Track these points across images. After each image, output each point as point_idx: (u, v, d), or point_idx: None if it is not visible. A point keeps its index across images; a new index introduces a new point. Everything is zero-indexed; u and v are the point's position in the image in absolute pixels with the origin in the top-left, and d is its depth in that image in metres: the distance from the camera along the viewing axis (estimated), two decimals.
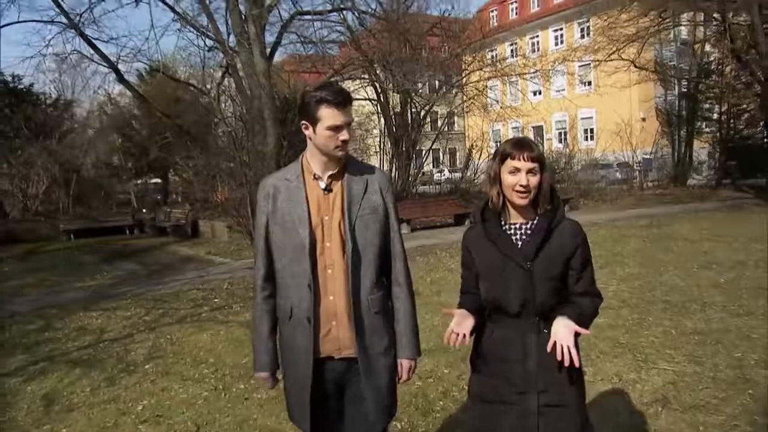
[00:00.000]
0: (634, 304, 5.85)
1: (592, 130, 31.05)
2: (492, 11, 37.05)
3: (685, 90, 21.45)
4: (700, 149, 21.97)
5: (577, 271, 1.82)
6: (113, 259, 11.96)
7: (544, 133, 33.17)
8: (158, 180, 26.06)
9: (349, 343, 1.92)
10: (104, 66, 13.40)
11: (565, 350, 1.67)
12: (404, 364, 2.04)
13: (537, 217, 1.84)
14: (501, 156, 1.82)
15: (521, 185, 1.76)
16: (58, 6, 12.28)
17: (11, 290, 8.91)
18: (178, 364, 4.93)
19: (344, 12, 16.47)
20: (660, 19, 13.35)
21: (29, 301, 8.00)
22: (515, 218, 1.87)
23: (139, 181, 24.32)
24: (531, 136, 32.64)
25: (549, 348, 1.69)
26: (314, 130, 1.89)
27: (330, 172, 1.95)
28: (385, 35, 17.65)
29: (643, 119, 26.80)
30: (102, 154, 23.32)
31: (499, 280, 1.82)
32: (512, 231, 1.86)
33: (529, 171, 1.76)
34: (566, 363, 1.67)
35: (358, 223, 1.93)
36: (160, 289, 8.44)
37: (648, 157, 24.30)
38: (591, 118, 30.95)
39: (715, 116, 20.98)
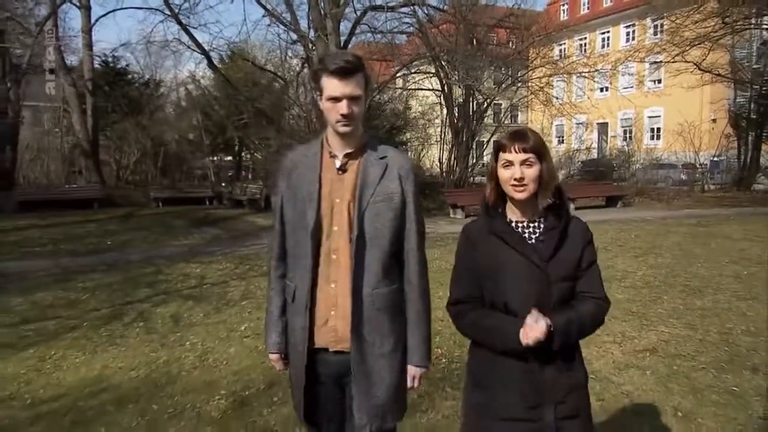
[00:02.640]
0: (655, 285, 6.66)
1: (658, 129, 30.66)
2: (563, 5, 36.90)
3: (756, 92, 21.09)
4: (766, 154, 21.56)
5: (583, 270, 1.74)
6: (199, 224, 13.59)
7: (609, 131, 32.96)
8: (231, 157, 28.07)
9: (345, 336, 1.81)
10: (197, 52, 15.00)
11: (530, 333, 1.60)
12: (411, 371, 1.91)
13: (545, 215, 1.75)
14: (494, 149, 1.76)
15: (515, 179, 1.67)
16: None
17: (121, 244, 10.57)
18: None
19: (414, 5, 17.47)
20: (723, 24, 13.54)
21: (138, 253, 9.58)
22: (518, 216, 1.77)
23: (215, 158, 26.30)
24: (595, 133, 32.61)
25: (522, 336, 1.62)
26: (321, 103, 1.81)
27: (347, 151, 1.83)
28: (452, 29, 18.52)
29: (714, 120, 26.35)
30: (184, 131, 25.39)
31: (511, 281, 1.70)
32: (519, 229, 1.76)
33: (523, 162, 1.68)
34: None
35: (369, 209, 1.79)
36: (243, 250, 9.84)
37: (715, 159, 24.05)
38: (658, 116, 30.54)
39: None
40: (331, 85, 1.73)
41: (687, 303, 5.88)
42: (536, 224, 1.75)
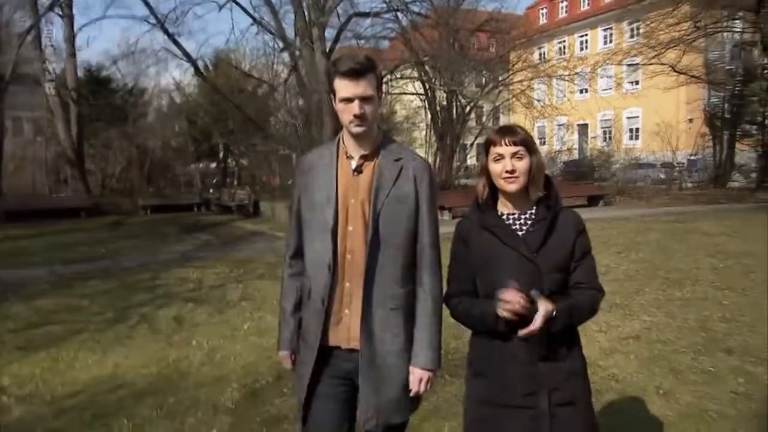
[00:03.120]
0: (637, 279, 7.00)
1: (637, 130, 31.38)
2: (542, 8, 37.61)
3: (729, 92, 21.79)
4: (742, 152, 22.26)
5: (576, 260, 1.76)
6: (189, 231, 13.71)
7: (589, 132, 33.63)
8: (215, 164, 28.13)
9: (357, 335, 1.83)
10: (185, 60, 15.15)
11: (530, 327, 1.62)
12: (416, 374, 1.86)
13: (535, 207, 1.79)
14: (485, 145, 1.80)
15: (507, 171, 1.71)
16: (149, 8, 14.05)
17: (114, 251, 10.67)
18: (266, 303, 6.38)
19: (397, 11, 17.83)
20: (695, 27, 14.07)
21: (132, 259, 9.70)
22: (511, 209, 1.81)
23: (200, 164, 26.35)
24: (576, 134, 33.25)
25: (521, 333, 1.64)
26: (335, 105, 1.84)
27: (362, 152, 1.86)
28: (435, 35, 18.88)
29: (690, 120, 27.06)
30: (168, 138, 25.40)
31: (502, 272, 1.72)
32: (510, 221, 1.80)
33: (514, 155, 1.72)
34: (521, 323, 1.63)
35: (384, 210, 1.81)
36: (236, 255, 10.01)
37: (693, 158, 24.75)
38: (637, 117, 31.27)
39: (758, 120, 21.26)
40: (343, 87, 1.77)
41: (667, 294, 6.21)
42: (527, 216, 1.79)
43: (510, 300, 1.61)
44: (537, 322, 1.62)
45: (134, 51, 15.60)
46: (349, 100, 1.77)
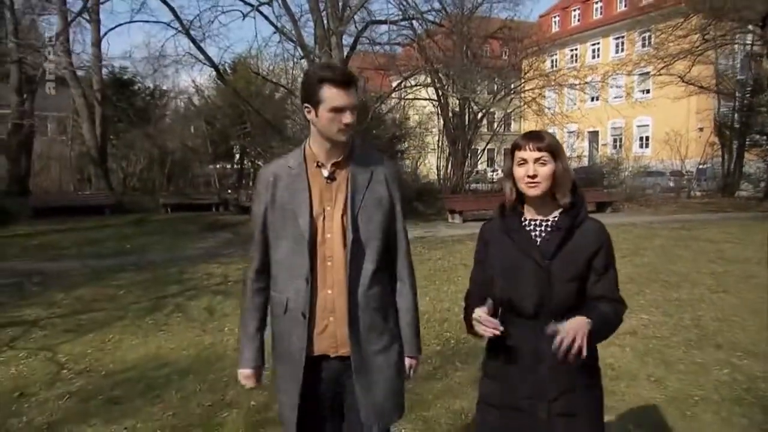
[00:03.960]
0: (639, 281, 7.36)
1: (647, 138, 31.60)
2: (555, 17, 37.94)
3: (739, 103, 22.02)
4: (751, 161, 22.46)
5: (598, 273, 1.73)
6: (210, 229, 14.21)
7: (600, 139, 33.88)
8: (230, 165, 28.72)
9: (345, 341, 1.83)
10: (208, 65, 15.68)
11: (569, 342, 1.53)
12: (406, 362, 1.99)
13: (558, 214, 1.78)
14: (511, 149, 1.81)
15: (528, 175, 1.72)
16: (175, 15, 14.59)
17: (140, 247, 11.18)
18: None
19: (412, 19, 18.24)
20: (704, 40, 14.39)
21: (159, 255, 10.20)
22: (534, 214, 1.81)
23: (218, 165, 26.94)
24: (586, 141, 33.51)
25: (555, 344, 1.55)
26: (316, 113, 1.80)
27: (334, 160, 1.86)
28: (449, 43, 19.31)
29: (701, 129, 27.26)
30: (188, 140, 26.03)
31: (515, 278, 1.74)
32: (531, 227, 1.79)
33: (537, 160, 1.72)
34: (568, 353, 1.54)
35: (361, 214, 1.84)
36: None
37: (702, 167, 24.96)
38: (647, 126, 31.50)
39: (767, 130, 21.46)
40: (336, 96, 1.76)
41: (665, 295, 6.58)
42: (549, 222, 1.78)
43: (483, 322, 1.63)
44: (582, 347, 1.54)
45: (159, 55, 15.94)
46: (341, 109, 1.77)
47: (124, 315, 6.05)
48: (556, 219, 1.78)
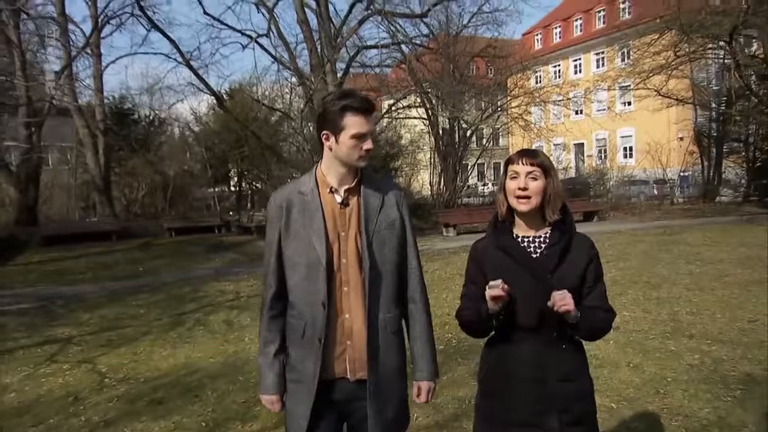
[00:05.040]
0: (622, 283, 7.86)
1: (631, 148, 32.36)
2: (537, 35, 38.95)
3: (715, 112, 22.81)
4: (729, 168, 23.18)
5: (590, 285, 1.79)
6: (215, 250, 14.63)
7: (585, 151, 34.65)
8: (228, 188, 29.20)
9: (364, 364, 1.84)
10: (208, 94, 16.23)
11: (560, 298, 1.66)
12: (423, 386, 1.96)
13: (549, 230, 1.82)
14: (504, 164, 1.84)
15: (519, 188, 1.75)
16: (176, 48, 15.18)
17: (152, 269, 11.59)
18: None
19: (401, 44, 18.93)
20: (676, 56, 15.11)
21: (170, 276, 10.62)
22: (525, 230, 1.84)
23: (217, 189, 27.39)
24: (572, 153, 34.27)
25: (550, 302, 1.67)
26: (336, 140, 1.81)
27: (347, 186, 1.87)
28: (437, 64, 19.99)
29: (681, 138, 28.03)
30: (187, 164, 26.51)
31: (515, 295, 1.74)
32: (525, 243, 1.83)
33: (529, 174, 1.75)
34: (562, 305, 1.65)
35: (376, 238, 1.85)
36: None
37: (684, 174, 25.68)
38: (630, 136, 32.27)
39: (742, 138, 22.21)
40: (358, 123, 1.78)
41: (646, 294, 7.08)
42: (541, 239, 1.82)
43: (494, 285, 1.72)
44: (566, 298, 1.67)
45: (163, 86, 16.47)
46: (363, 136, 1.79)
47: (149, 330, 6.48)
48: (547, 234, 1.82)
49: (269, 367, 1.93)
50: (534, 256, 1.80)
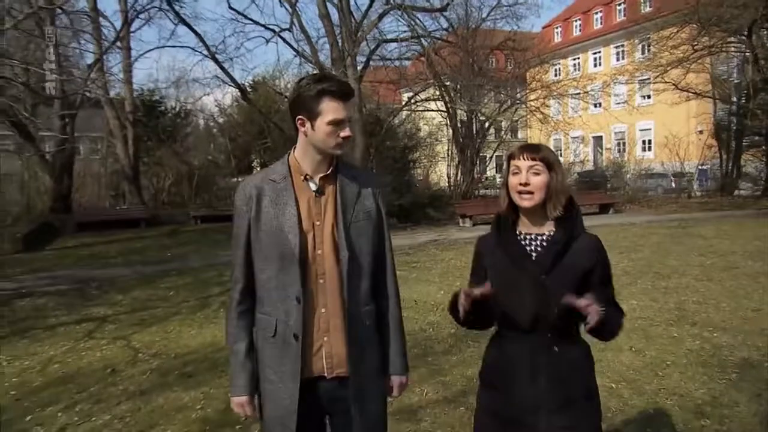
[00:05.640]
0: (633, 273, 7.95)
1: (650, 141, 31.98)
2: (557, 28, 38.53)
3: (735, 106, 22.46)
4: (748, 162, 22.83)
5: (596, 288, 1.69)
6: None
7: (604, 143, 34.32)
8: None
9: (342, 360, 1.74)
10: (232, 86, 16.55)
11: (586, 306, 1.56)
12: (395, 380, 1.90)
13: (553, 227, 1.75)
14: (506, 159, 1.79)
15: (521, 183, 1.69)
16: (203, 42, 15.48)
17: (179, 255, 11.98)
18: None
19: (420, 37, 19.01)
20: (693, 50, 14.95)
21: (197, 261, 10.96)
22: (529, 228, 1.78)
23: (240, 178, 27.87)
24: (591, 146, 33.97)
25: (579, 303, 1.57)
26: (312, 126, 1.69)
27: (322, 173, 1.75)
28: (455, 57, 20.03)
29: (700, 132, 27.64)
30: (211, 155, 27.02)
31: (511, 292, 1.71)
32: (527, 241, 1.76)
33: (530, 169, 1.69)
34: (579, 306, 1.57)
35: (353, 228, 1.74)
36: None
37: (703, 168, 25.36)
38: (649, 129, 31.88)
39: (763, 131, 21.83)
40: (335, 108, 1.67)
41: (655, 284, 7.18)
42: (544, 237, 1.75)
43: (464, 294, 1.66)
44: (594, 311, 1.56)
45: (189, 80, 16.83)
46: (340, 122, 1.68)
47: (178, 311, 6.80)
48: (551, 233, 1.75)
49: (240, 367, 1.78)
50: (533, 255, 1.73)
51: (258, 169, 29.36)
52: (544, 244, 1.74)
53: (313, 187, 1.76)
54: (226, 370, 4.56)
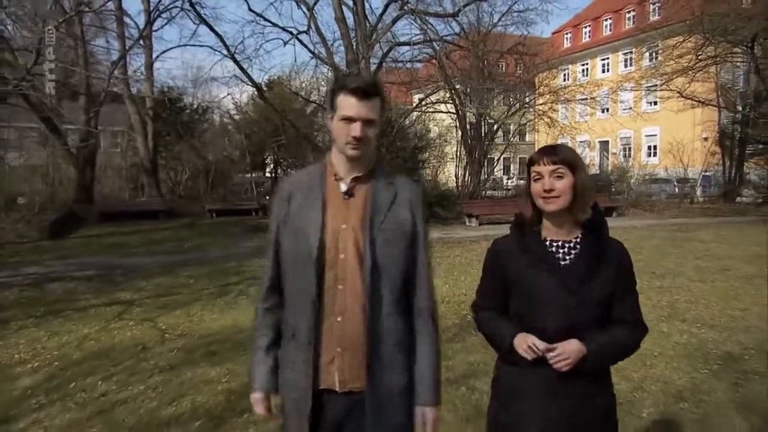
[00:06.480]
0: None
1: (655, 147, 32.03)
2: (566, 33, 38.60)
3: (740, 114, 22.53)
4: (751, 170, 22.89)
5: (620, 295, 1.64)
6: (253, 231, 15.32)
7: (610, 148, 34.40)
8: (264, 173, 30.09)
9: (355, 374, 1.60)
10: (250, 85, 16.89)
11: (558, 360, 1.54)
12: (426, 413, 1.66)
13: (580, 234, 1.65)
14: (527, 165, 1.68)
15: (544, 190, 1.59)
16: (223, 42, 15.83)
17: (197, 246, 12.34)
18: None
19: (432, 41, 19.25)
20: (697, 60, 15.10)
21: (214, 252, 11.32)
22: (554, 234, 1.67)
23: (254, 174, 28.26)
24: (597, 150, 34.07)
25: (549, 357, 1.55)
26: (332, 121, 1.65)
27: (355, 174, 1.67)
28: (465, 62, 20.26)
29: (705, 139, 27.67)
30: (227, 151, 27.45)
31: (542, 304, 1.61)
32: (554, 249, 1.66)
33: (553, 173, 1.60)
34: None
35: (380, 237, 1.61)
36: None
37: (707, 174, 25.44)
38: (655, 135, 31.93)
39: (765, 139, 21.88)
40: (348, 105, 1.59)
41: (650, 284, 7.41)
42: (572, 244, 1.64)
43: (535, 349, 1.58)
44: (567, 361, 1.55)
45: (209, 78, 17.18)
46: (351, 119, 1.59)
47: (199, 297, 7.13)
48: (578, 239, 1.64)
49: (260, 362, 1.72)
50: (563, 263, 1.63)
51: (271, 166, 29.78)
52: (573, 251, 1.64)
53: (343, 188, 1.68)
54: (247, 350, 4.88)
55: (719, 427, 3.32)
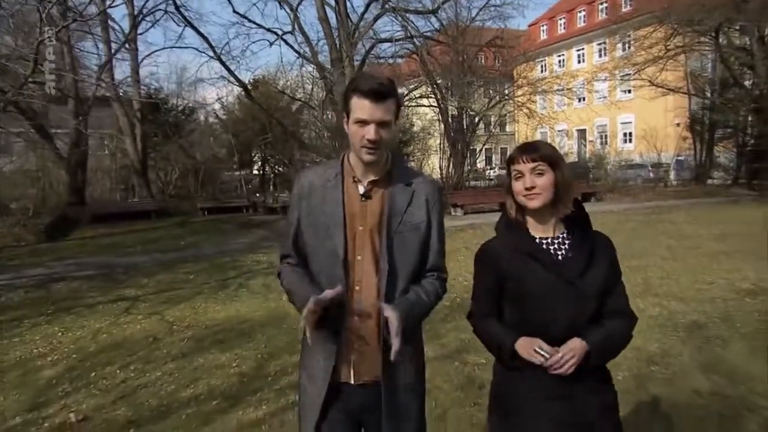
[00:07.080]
0: None
1: (630, 134, 32.64)
2: (543, 26, 39.02)
3: (709, 100, 23.15)
4: (721, 153, 23.56)
5: (612, 287, 1.63)
6: (245, 227, 15.53)
7: (587, 136, 34.97)
8: (252, 171, 30.12)
9: (371, 368, 1.62)
10: (237, 86, 16.98)
11: (564, 361, 1.50)
12: (392, 317, 1.50)
13: (565, 230, 1.64)
14: (506, 163, 1.65)
15: (526, 188, 1.57)
16: (209, 44, 15.91)
17: (192, 244, 12.49)
18: None
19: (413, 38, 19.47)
20: (666, 49, 15.55)
21: (209, 249, 11.49)
22: (541, 231, 1.64)
23: (242, 172, 28.31)
24: (575, 138, 34.61)
25: (551, 362, 1.52)
26: (347, 123, 1.62)
27: (372, 178, 1.65)
28: (446, 57, 20.51)
29: (678, 125, 28.31)
30: (215, 150, 27.43)
31: (541, 300, 1.57)
32: (545, 246, 1.62)
33: (533, 171, 1.57)
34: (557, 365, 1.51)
35: (397, 239, 1.61)
36: None
37: (680, 158, 26.10)
38: (630, 122, 32.53)
39: (732, 124, 22.54)
40: (361, 107, 1.56)
41: (624, 264, 7.64)
42: (560, 240, 1.64)
43: (542, 353, 1.53)
44: (570, 362, 1.53)
45: (194, 80, 17.22)
46: (365, 122, 1.56)
47: (200, 291, 7.34)
48: (564, 235, 1.64)
49: (302, 286, 1.65)
50: (559, 258, 1.61)
51: (259, 164, 29.80)
52: (563, 246, 1.63)
53: (360, 190, 1.66)
54: (253, 337, 5.14)
55: (685, 385, 3.65)
